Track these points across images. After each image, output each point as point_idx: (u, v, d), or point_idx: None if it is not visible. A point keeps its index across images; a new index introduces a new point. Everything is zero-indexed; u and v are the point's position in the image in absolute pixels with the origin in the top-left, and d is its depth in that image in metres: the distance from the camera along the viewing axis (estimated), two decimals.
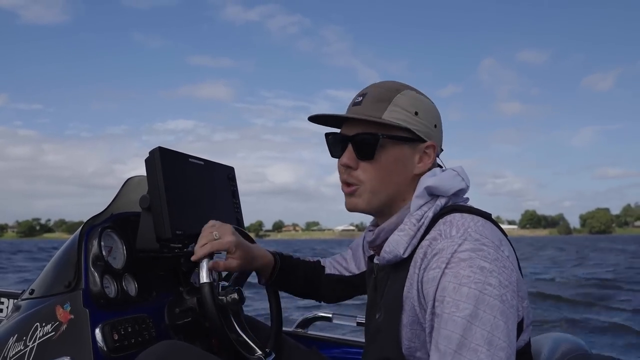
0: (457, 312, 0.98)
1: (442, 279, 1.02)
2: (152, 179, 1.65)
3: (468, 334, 0.96)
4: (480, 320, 0.97)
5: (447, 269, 1.02)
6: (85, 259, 1.56)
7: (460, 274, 1.00)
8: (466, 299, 0.98)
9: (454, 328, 0.97)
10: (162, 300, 1.73)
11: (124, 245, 1.69)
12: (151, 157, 1.66)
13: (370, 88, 1.23)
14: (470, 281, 0.99)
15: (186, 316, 1.70)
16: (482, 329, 0.96)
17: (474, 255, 1.01)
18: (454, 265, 1.01)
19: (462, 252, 1.02)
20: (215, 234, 1.44)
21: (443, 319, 1.00)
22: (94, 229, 1.62)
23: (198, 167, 1.84)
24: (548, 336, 1.55)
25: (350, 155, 1.20)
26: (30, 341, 1.52)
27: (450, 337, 0.97)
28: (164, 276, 1.79)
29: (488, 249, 1.03)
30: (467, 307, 0.97)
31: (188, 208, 1.73)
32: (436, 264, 1.04)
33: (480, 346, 0.95)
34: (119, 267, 1.64)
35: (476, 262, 1.00)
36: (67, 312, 1.51)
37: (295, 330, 2.12)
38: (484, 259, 1.01)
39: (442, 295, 1.01)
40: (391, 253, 1.13)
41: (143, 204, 1.67)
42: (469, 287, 0.98)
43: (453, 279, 1.00)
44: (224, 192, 1.97)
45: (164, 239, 1.65)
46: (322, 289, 1.67)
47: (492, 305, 0.98)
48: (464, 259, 1.01)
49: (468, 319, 0.97)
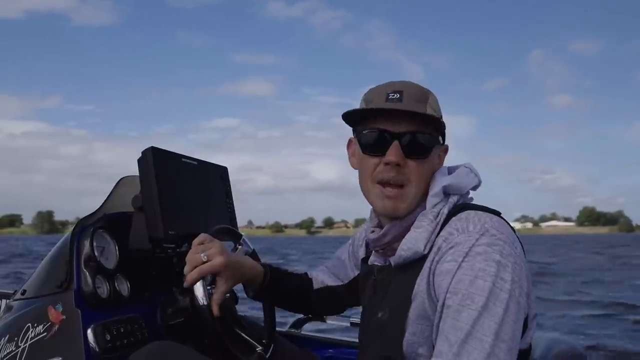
0: (472, 304, 1.00)
1: (458, 271, 1.04)
2: (145, 179, 1.64)
3: (477, 324, 0.99)
4: (490, 312, 0.99)
5: (463, 262, 1.04)
6: (77, 260, 1.55)
7: (476, 267, 1.02)
8: (480, 291, 1.00)
9: (466, 320, 1.00)
10: (155, 300, 1.72)
11: (117, 246, 1.68)
12: (143, 157, 1.65)
13: (402, 85, 1.21)
14: (485, 274, 1.01)
15: (179, 316, 1.69)
16: (491, 320, 0.99)
17: (490, 250, 1.04)
18: (471, 259, 1.04)
19: (479, 246, 1.04)
20: (203, 255, 1.38)
21: (456, 310, 1.01)
22: (86, 229, 1.61)
23: (191, 167, 1.83)
24: (543, 337, 1.55)
25: (399, 152, 1.16)
26: (22, 342, 1.51)
27: (461, 328, 0.99)
28: (157, 276, 1.78)
29: (503, 244, 1.05)
30: (480, 300, 1.00)
31: (181, 208, 1.72)
32: (452, 257, 1.06)
33: (486, 337, 0.97)
34: (112, 268, 1.63)
35: (492, 256, 1.03)
36: (59, 313, 1.50)
37: (289, 331, 2.11)
38: (500, 253, 1.04)
39: (456, 288, 1.03)
40: (410, 250, 1.13)
41: (135, 204, 1.66)
42: (484, 280, 1.01)
43: (469, 271, 1.02)
44: (217, 193, 1.96)
45: (156, 239, 1.64)
46: (312, 302, 1.63)
47: (502, 299, 1.00)
48: (480, 252, 1.04)
49: (480, 311, 0.99)
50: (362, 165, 1.23)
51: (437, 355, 1.02)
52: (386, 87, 1.21)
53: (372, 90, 1.24)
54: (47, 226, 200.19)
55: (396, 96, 1.17)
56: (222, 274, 1.40)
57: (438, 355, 1.02)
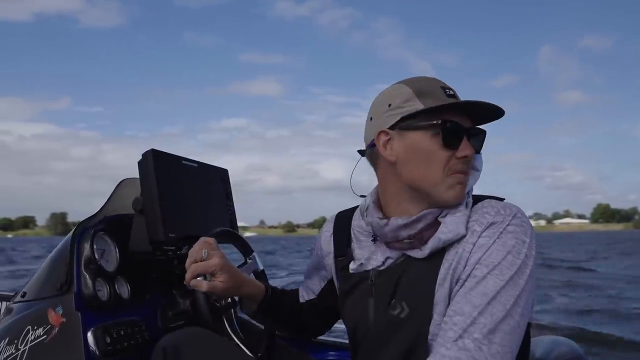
0: (500, 275, 1.11)
1: (492, 246, 1.14)
2: (145, 182, 1.64)
3: (503, 291, 1.10)
4: (514, 283, 1.11)
5: (498, 239, 1.15)
6: (78, 262, 1.55)
7: (509, 244, 1.14)
8: (509, 265, 1.12)
9: (493, 287, 1.11)
10: (156, 303, 1.73)
11: (117, 248, 1.68)
12: (144, 159, 1.65)
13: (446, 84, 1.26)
14: (514, 251, 1.13)
15: (179, 319, 1.70)
16: (514, 289, 1.11)
17: (519, 230, 1.16)
18: (504, 236, 1.15)
19: (511, 226, 1.16)
20: (204, 251, 1.38)
21: (483, 278, 1.12)
22: (87, 232, 1.61)
23: (191, 169, 1.84)
24: (543, 339, 1.55)
25: (471, 146, 1.23)
26: (21, 345, 1.51)
27: (486, 294, 1.10)
28: (157, 279, 1.78)
29: (527, 226, 1.18)
30: (508, 273, 1.11)
31: (181, 210, 1.73)
32: (487, 234, 1.16)
33: (508, 302, 1.10)
34: (112, 270, 1.63)
35: (521, 237, 1.15)
36: (59, 316, 1.50)
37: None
38: (525, 234, 1.16)
39: (487, 260, 1.13)
40: (452, 232, 1.18)
41: (136, 206, 1.67)
42: (513, 256, 1.13)
43: (502, 247, 1.14)
44: (217, 195, 1.96)
45: (157, 241, 1.64)
46: (306, 319, 1.60)
47: (525, 274, 1.13)
48: (511, 231, 1.15)
49: (507, 281, 1.11)
50: (433, 158, 1.22)
51: (457, 313, 1.11)
52: (433, 81, 1.25)
53: (419, 81, 1.26)
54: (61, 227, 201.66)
55: (451, 92, 1.24)
56: (218, 276, 1.40)
57: (459, 314, 1.10)
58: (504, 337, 1.08)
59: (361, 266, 1.31)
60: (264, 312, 1.55)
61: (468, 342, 1.07)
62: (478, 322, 1.08)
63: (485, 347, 1.06)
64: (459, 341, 1.08)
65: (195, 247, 1.40)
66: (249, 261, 1.72)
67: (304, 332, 1.66)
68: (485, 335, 1.07)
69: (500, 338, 1.07)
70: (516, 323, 1.10)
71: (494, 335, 1.07)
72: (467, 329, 1.08)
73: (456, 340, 1.08)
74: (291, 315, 1.59)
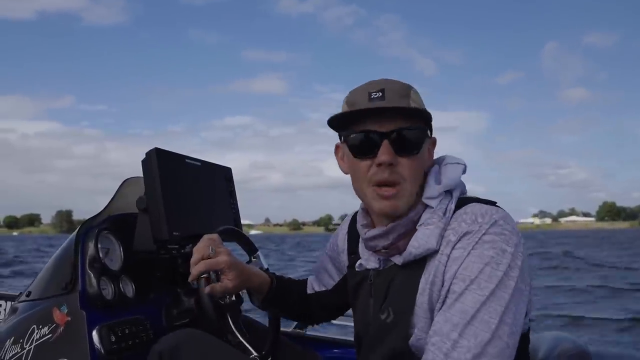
0: (478, 290, 1.04)
1: (467, 258, 1.07)
2: (149, 180, 1.65)
3: (483, 308, 1.03)
4: (496, 297, 1.03)
5: (472, 250, 1.07)
6: (82, 261, 1.55)
7: (485, 255, 1.06)
8: (488, 278, 1.04)
9: (472, 304, 1.03)
10: (160, 301, 1.73)
11: (121, 247, 1.69)
12: (147, 158, 1.66)
13: (383, 83, 1.19)
14: (493, 262, 1.05)
15: (184, 318, 1.70)
16: (497, 305, 1.03)
17: (498, 239, 1.08)
18: (479, 247, 1.07)
19: (488, 235, 1.08)
20: (211, 249, 1.39)
21: (462, 294, 1.05)
22: (91, 231, 1.61)
23: (195, 168, 1.84)
24: (547, 335, 1.55)
25: (389, 151, 1.15)
26: (27, 344, 1.52)
27: (466, 311, 1.03)
28: (162, 277, 1.79)
29: (510, 234, 1.09)
30: (488, 287, 1.04)
31: (185, 209, 1.73)
32: (461, 245, 1.09)
33: (492, 319, 1.02)
34: (116, 269, 1.63)
35: (500, 245, 1.07)
36: (64, 314, 1.51)
37: (294, 331, 2.11)
38: (506, 243, 1.08)
39: (463, 274, 1.06)
40: (421, 247, 1.14)
41: (140, 205, 1.67)
42: (492, 268, 1.05)
43: (478, 259, 1.06)
44: (221, 193, 1.97)
45: (161, 240, 1.64)
46: (313, 309, 1.63)
47: (509, 286, 1.05)
48: (488, 241, 1.07)
49: (487, 296, 1.03)
50: (354, 169, 1.21)
51: (437, 333, 1.05)
52: (367, 86, 1.20)
53: (353, 92, 1.23)
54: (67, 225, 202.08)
55: (378, 94, 1.16)
56: (227, 273, 1.41)
57: (438, 334, 1.05)
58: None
59: (361, 265, 1.32)
60: (271, 302, 1.56)
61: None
62: (461, 346, 1.01)
63: None
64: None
65: (200, 244, 1.40)
66: (254, 260, 1.73)
67: (308, 320, 1.68)
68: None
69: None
70: (505, 344, 1.02)
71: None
72: (450, 354, 1.02)
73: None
74: (298, 303, 1.61)
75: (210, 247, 1.40)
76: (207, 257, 1.39)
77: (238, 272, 1.43)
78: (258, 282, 1.52)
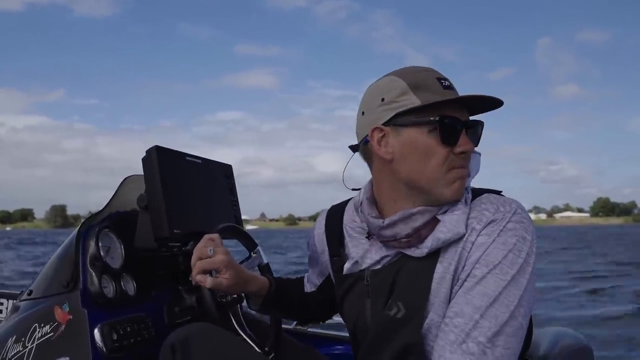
0: (501, 274, 1.09)
1: (491, 244, 1.11)
2: (150, 178, 1.65)
3: (505, 292, 1.08)
4: (516, 282, 1.09)
5: (498, 237, 1.12)
6: (83, 259, 1.56)
7: (508, 242, 1.11)
8: (510, 264, 1.09)
9: (494, 287, 1.08)
10: (161, 299, 1.73)
11: (122, 245, 1.69)
12: (148, 156, 1.66)
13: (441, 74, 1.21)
14: (515, 249, 1.10)
15: (185, 315, 1.70)
16: (517, 289, 1.09)
17: (519, 227, 1.13)
18: (503, 234, 1.12)
19: (511, 223, 1.13)
20: (210, 249, 1.38)
21: (484, 278, 1.10)
22: (92, 229, 1.61)
23: (195, 165, 1.84)
24: (548, 331, 1.56)
25: (470, 141, 1.19)
26: (29, 342, 1.52)
27: (488, 294, 1.08)
28: (163, 275, 1.79)
29: (528, 222, 1.15)
30: (509, 272, 1.09)
31: (186, 207, 1.73)
32: (487, 232, 1.13)
33: (511, 302, 1.07)
34: (117, 267, 1.64)
35: (520, 233, 1.12)
36: (65, 313, 1.51)
37: (295, 328, 2.11)
38: (526, 230, 1.13)
39: (486, 259, 1.11)
40: (451, 232, 1.15)
41: (140, 203, 1.67)
42: (514, 254, 1.10)
43: (502, 245, 1.11)
44: (222, 190, 1.96)
45: (162, 238, 1.65)
46: (312, 308, 1.60)
47: (527, 272, 1.11)
48: (511, 229, 1.12)
49: (509, 281, 1.08)
50: (431, 154, 1.17)
51: (458, 315, 1.09)
52: (429, 72, 1.20)
53: (415, 74, 1.20)
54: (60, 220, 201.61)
55: (447, 83, 1.19)
56: (223, 272, 1.40)
57: (460, 316, 1.08)
58: (508, 339, 1.06)
59: (356, 265, 1.29)
60: (270, 305, 1.55)
61: (472, 345, 1.06)
62: (481, 326, 1.07)
63: (489, 350, 1.05)
64: (463, 345, 1.06)
65: (200, 245, 1.40)
66: (254, 255, 1.73)
67: (310, 319, 1.67)
68: (490, 338, 1.06)
69: (504, 341, 1.06)
70: (519, 324, 1.08)
71: (497, 338, 1.06)
72: (471, 333, 1.07)
73: (460, 343, 1.07)
74: (297, 303, 1.59)
75: (209, 247, 1.39)
76: (206, 257, 1.39)
77: (234, 273, 1.41)
78: (255, 288, 1.50)
